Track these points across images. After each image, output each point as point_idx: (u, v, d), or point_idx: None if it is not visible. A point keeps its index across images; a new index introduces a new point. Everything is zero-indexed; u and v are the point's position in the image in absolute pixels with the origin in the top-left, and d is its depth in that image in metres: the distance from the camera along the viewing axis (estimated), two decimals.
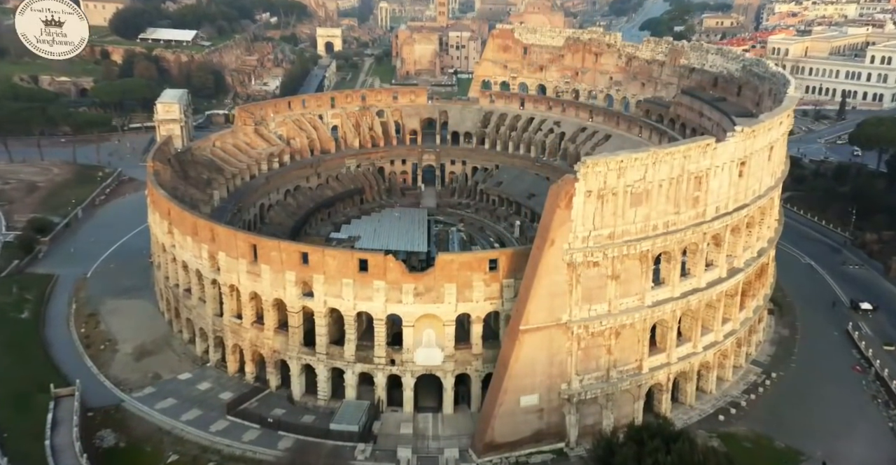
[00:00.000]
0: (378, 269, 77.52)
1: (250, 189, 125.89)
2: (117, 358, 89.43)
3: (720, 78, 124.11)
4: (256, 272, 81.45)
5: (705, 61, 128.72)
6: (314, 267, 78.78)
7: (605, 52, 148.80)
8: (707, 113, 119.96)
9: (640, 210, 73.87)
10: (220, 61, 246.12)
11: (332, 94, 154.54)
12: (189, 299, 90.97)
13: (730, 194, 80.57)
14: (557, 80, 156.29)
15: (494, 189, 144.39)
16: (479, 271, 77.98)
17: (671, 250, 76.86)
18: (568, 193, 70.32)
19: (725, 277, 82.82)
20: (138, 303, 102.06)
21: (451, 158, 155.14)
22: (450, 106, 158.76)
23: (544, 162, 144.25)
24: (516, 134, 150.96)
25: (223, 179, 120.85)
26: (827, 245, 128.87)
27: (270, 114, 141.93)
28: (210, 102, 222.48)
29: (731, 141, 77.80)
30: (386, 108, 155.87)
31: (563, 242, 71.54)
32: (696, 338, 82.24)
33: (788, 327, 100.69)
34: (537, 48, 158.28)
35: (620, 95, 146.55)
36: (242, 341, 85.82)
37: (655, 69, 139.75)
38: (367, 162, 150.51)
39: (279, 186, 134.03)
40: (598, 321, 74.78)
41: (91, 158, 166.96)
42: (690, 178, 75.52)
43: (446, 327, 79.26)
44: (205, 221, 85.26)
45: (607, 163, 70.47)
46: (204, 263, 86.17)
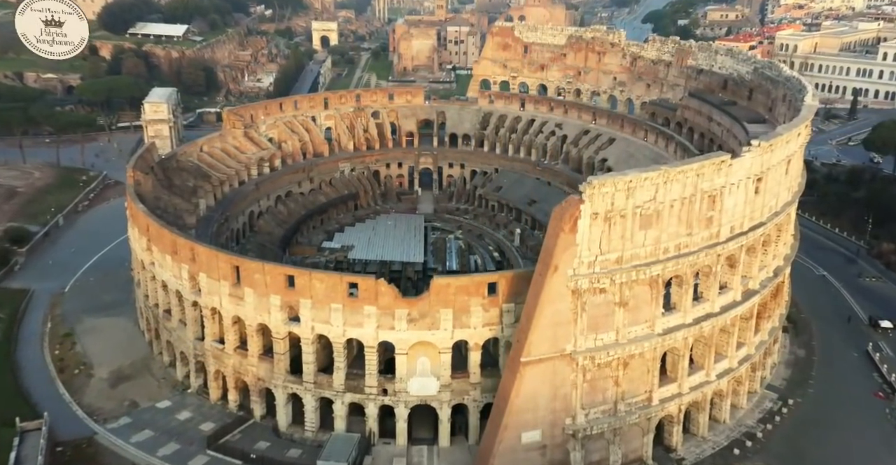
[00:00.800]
0: (369, 293, 72.40)
1: (239, 196, 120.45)
2: (92, 384, 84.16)
3: (730, 80, 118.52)
4: (239, 295, 76.20)
5: (714, 62, 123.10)
6: (300, 291, 73.59)
7: (608, 52, 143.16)
8: (716, 118, 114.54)
9: (649, 232, 68.60)
10: (212, 57, 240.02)
11: (326, 94, 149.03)
12: (169, 320, 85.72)
13: (745, 213, 75.28)
14: (559, 79, 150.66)
15: (494, 194, 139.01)
16: (477, 296, 72.78)
17: (683, 273, 71.63)
18: (572, 216, 65.04)
19: (740, 300, 77.60)
20: (117, 321, 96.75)
21: (448, 161, 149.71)
22: (447, 107, 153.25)
23: (545, 166, 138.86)
24: (516, 136, 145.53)
25: (210, 186, 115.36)
26: (841, 255, 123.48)
27: (261, 116, 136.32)
28: (201, 100, 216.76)
29: (747, 156, 72.52)
30: (381, 108, 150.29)
31: (568, 267, 66.27)
32: (710, 366, 77.05)
33: (804, 346, 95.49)
34: (538, 47, 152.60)
35: (625, 96, 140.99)
36: (225, 368, 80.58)
37: (661, 70, 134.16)
38: (362, 165, 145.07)
39: (270, 193, 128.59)
40: (605, 351, 69.57)
41: (76, 159, 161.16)
42: (704, 197, 70.28)
43: (442, 355, 74.11)
44: (185, 239, 79.82)
45: (615, 183, 65.20)
46: (184, 283, 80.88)
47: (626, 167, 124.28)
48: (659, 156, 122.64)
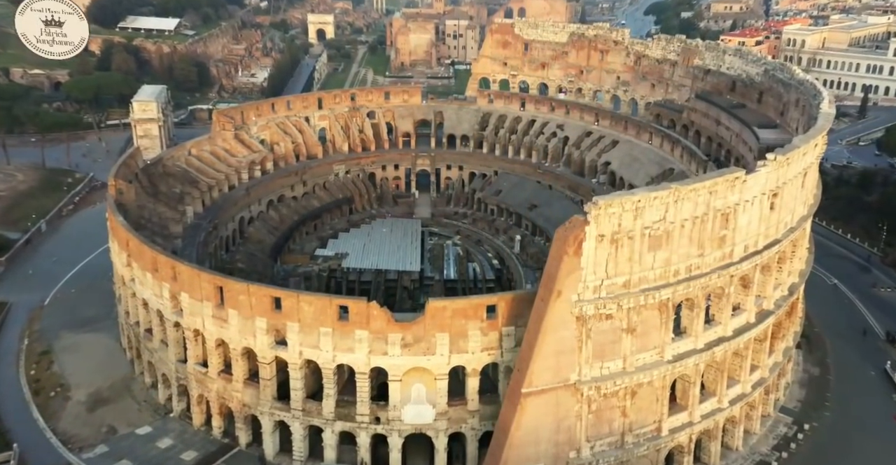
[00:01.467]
0: (360, 317, 68.00)
1: (229, 202, 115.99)
2: (69, 408, 79.77)
3: (739, 82, 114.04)
4: (223, 317, 71.81)
5: (722, 63, 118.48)
6: (288, 314, 69.21)
7: (611, 50, 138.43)
8: (725, 121, 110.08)
9: (659, 254, 64.22)
10: (204, 51, 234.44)
11: (320, 94, 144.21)
12: (150, 340, 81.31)
13: (760, 230, 70.90)
14: (560, 78, 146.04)
15: (493, 198, 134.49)
16: (475, 319, 68.49)
17: (695, 296, 67.25)
18: (577, 238, 60.70)
19: (754, 322, 73.28)
20: (98, 338, 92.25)
21: (446, 162, 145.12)
22: (445, 106, 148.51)
23: (546, 169, 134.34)
24: (516, 137, 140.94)
25: (198, 192, 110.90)
26: (854, 263, 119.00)
27: (252, 117, 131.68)
28: (193, 97, 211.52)
29: (762, 171, 67.99)
30: (377, 108, 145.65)
31: (572, 293, 61.93)
32: (722, 392, 72.80)
33: (818, 364, 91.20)
34: (539, 44, 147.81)
35: (628, 96, 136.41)
36: (209, 392, 76.23)
37: (667, 69, 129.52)
38: (357, 168, 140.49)
39: (261, 197, 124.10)
40: (611, 381, 65.27)
41: (62, 160, 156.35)
42: (717, 215, 65.87)
43: (438, 382, 69.85)
44: (166, 257, 75.22)
45: (622, 203, 60.76)
46: (165, 303, 76.49)
47: (630, 171, 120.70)
48: (664, 160, 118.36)
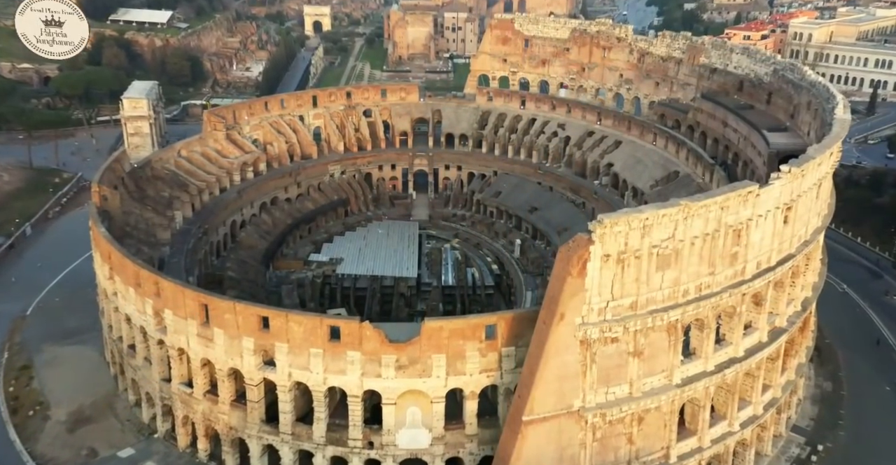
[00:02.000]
0: (352, 338, 64.51)
1: (220, 205, 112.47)
2: (48, 428, 76.24)
3: (746, 82, 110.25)
4: (208, 336, 68.31)
5: (729, 61, 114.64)
6: (276, 334, 65.70)
7: (614, 47, 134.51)
8: (732, 123, 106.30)
9: (668, 274, 60.68)
10: (198, 45, 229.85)
11: (315, 92, 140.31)
12: (133, 357, 77.77)
13: (773, 246, 67.30)
14: (562, 75, 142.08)
15: (492, 200, 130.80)
16: (473, 339, 65.04)
17: (705, 317, 63.70)
18: (581, 259, 57.16)
19: (767, 341, 69.76)
20: (81, 351, 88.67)
21: (444, 162, 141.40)
22: (444, 104, 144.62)
23: (547, 169, 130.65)
24: (516, 137, 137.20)
25: (188, 196, 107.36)
26: (865, 268, 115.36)
27: (244, 116, 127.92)
28: (186, 91, 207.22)
29: (776, 184, 64.32)
30: (373, 106, 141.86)
31: (576, 316, 58.44)
32: (733, 415, 69.37)
33: (831, 378, 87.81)
34: (539, 41, 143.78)
35: (632, 94, 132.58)
36: (194, 414, 72.78)
37: (671, 67, 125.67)
38: (353, 168, 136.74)
39: (253, 200, 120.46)
40: (617, 407, 61.81)
41: (50, 158, 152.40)
42: (728, 232, 62.27)
43: (434, 405, 66.46)
44: (149, 272, 71.55)
45: (629, 221, 57.20)
46: (148, 319, 72.95)
47: (634, 174, 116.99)
48: (669, 162, 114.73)
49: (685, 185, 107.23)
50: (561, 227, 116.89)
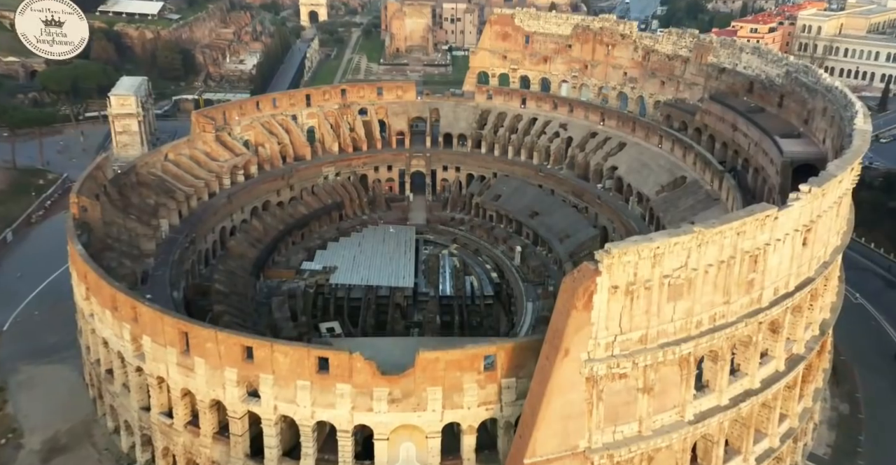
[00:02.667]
0: (342, 369, 60.39)
1: (209, 211, 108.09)
2: (20, 459, 72.09)
3: (757, 83, 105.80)
4: (189, 366, 64.16)
5: (738, 61, 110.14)
6: (261, 365, 61.54)
7: (618, 44, 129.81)
8: (742, 127, 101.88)
9: (680, 304, 56.42)
10: (190, 37, 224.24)
11: (308, 91, 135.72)
12: (111, 383, 73.57)
13: (791, 270, 62.96)
14: (564, 73, 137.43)
15: (492, 204, 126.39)
16: (471, 371, 60.96)
17: (719, 348, 59.46)
18: (587, 291, 52.78)
19: (784, 370, 65.57)
20: (60, 371, 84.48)
21: (442, 163, 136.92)
22: (442, 103, 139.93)
23: (548, 172, 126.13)
24: (517, 137, 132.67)
25: (175, 203, 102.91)
26: (880, 278, 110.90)
27: (235, 116, 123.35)
28: (178, 86, 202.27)
29: (795, 206, 59.95)
30: (369, 105, 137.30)
31: (581, 351, 54.20)
32: (748, 449, 65.29)
33: (847, 399, 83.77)
34: (541, 37, 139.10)
35: (636, 93, 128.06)
36: (174, 446, 68.69)
37: (678, 66, 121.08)
38: (348, 170, 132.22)
39: (244, 205, 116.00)
40: (625, 447, 57.65)
41: (35, 157, 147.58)
42: (744, 258, 57.95)
43: (430, 440, 62.42)
44: (125, 296, 67.22)
45: (639, 251, 52.77)
46: (126, 345, 68.73)
47: (639, 178, 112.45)
48: (676, 167, 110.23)
49: (693, 192, 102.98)
50: (563, 234, 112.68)
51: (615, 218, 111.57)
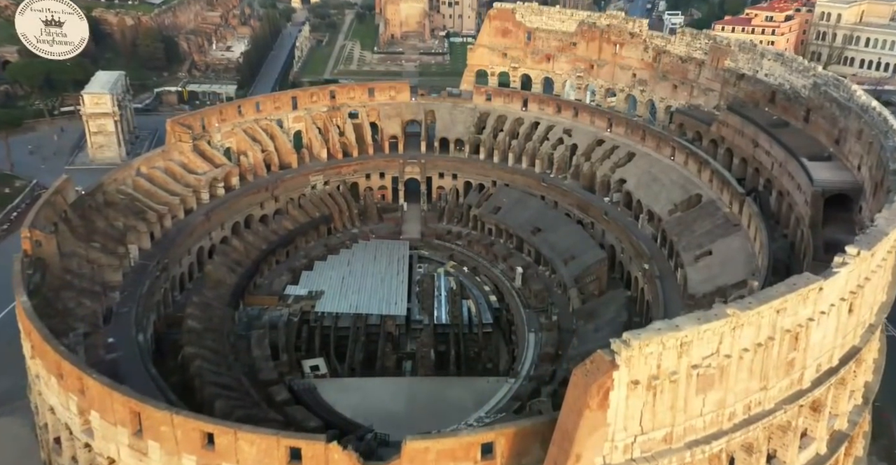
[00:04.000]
0: (317, 461, 52.19)
1: (184, 231, 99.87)
2: None
3: (780, 93, 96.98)
4: (142, 449, 55.94)
5: (759, 68, 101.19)
6: (223, 453, 53.36)
7: (627, 43, 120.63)
8: (764, 144, 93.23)
9: (710, 396, 48.22)
10: (174, 22, 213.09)
11: (294, 93, 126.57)
12: (59, 454, 65.40)
13: (835, 342, 54.59)
14: (568, 73, 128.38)
15: (491, 217, 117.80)
16: (466, 461, 52.69)
17: (755, 439, 51.26)
18: (602, 388, 44.46)
19: (826, 452, 57.39)
20: (9, 425, 75.94)
21: (438, 170, 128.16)
22: (438, 104, 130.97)
23: (551, 182, 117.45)
24: (518, 143, 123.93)
25: (146, 224, 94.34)
26: None
27: (214, 123, 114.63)
28: (161, 76, 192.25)
29: (841, 272, 51.35)
30: (360, 107, 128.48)
31: (596, 455, 46.12)
32: None
33: (886, 457, 75.81)
34: (543, 33, 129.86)
35: (646, 96, 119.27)
36: None
37: (692, 69, 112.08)
38: (337, 178, 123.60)
39: (224, 221, 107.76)
40: None
41: (2, 160, 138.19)
42: (784, 337, 49.48)
43: None
44: (72, 365, 58.82)
45: (662, 341, 44.42)
46: (73, 418, 60.46)
47: (650, 194, 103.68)
48: (690, 183, 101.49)
49: (709, 213, 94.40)
50: (567, 254, 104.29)
51: (623, 237, 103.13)
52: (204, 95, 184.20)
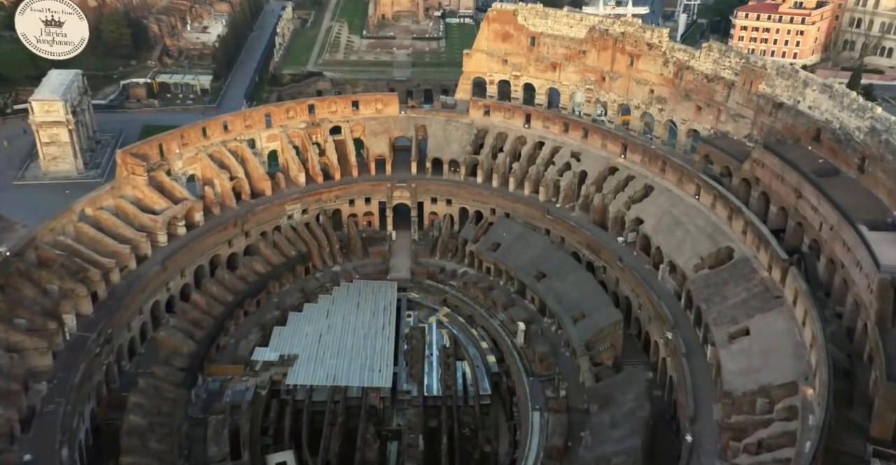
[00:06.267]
0: None
1: (136, 285, 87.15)
2: None
3: (827, 131, 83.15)
4: None
5: (801, 97, 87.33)
6: None
7: (644, 55, 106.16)
8: (810, 197, 79.38)
9: None
10: (142, 1, 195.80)
11: (268, 109, 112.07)
12: None
13: None
14: (577, 83, 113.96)
15: (489, 255, 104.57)
16: None
17: None
18: None
19: None
20: None
21: (431, 195, 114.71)
22: (430, 119, 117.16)
23: (558, 214, 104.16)
24: (519, 166, 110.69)
25: (87, 286, 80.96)
26: None
27: (174, 149, 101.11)
28: (128, 65, 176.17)
29: None
30: (343, 122, 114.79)
31: None
32: None
33: None
34: (549, 39, 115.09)
35: (665, 116, 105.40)
36: None
37: (719, 90, 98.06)
38: (317, 206, 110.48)
39: (185, 267, 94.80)
40: None
41: None
42: None
43: None
44: None
45: None
46: None
47: (672, 241, 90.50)
48: (717, 231, 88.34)
49: (744, 275, 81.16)
50: (577, 310, 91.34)
51: (641, 291, 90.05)
52: (176, 87, 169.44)
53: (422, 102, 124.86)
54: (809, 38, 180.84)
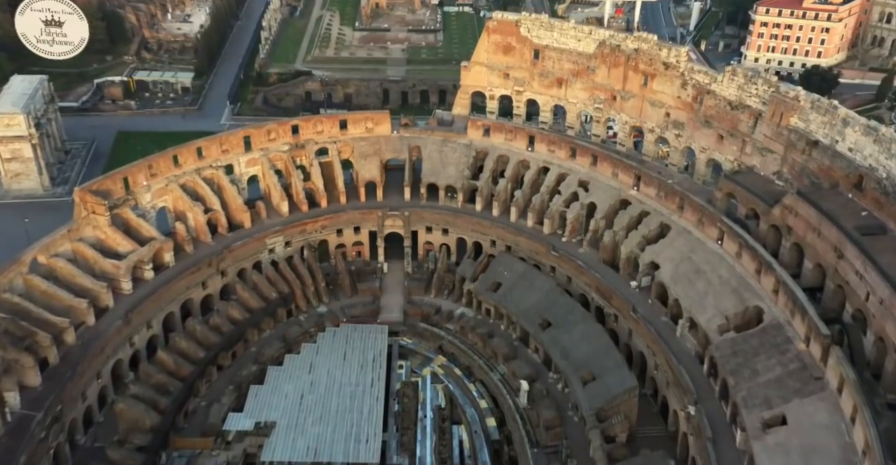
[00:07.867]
0: None
1: (93, 345, 78.80)
2: None
3: (871, 179, 73.73)
4: None
5: (839, 137, 77.80)
6: None
7: (660, 75, 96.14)
8: (853, 260, 69.81)
9: None
10: None
11: (247, 131, 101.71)
12: None
13: None
14: (584, 102, 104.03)
15: (489, 297, 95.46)
16: None
17: None
18: None
19: None
20: None
21: (426, 223, 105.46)
22: (424, 139, 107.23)
23: (564, 252, 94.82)
24: (522, 194, 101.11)
25: (34, 354, 72.02)
26: None
27: (142, 181, 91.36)
28: (103, 61, 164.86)
29: None
30: (329, 142, 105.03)
31: None
32: None
33: None
34: (554, 53, 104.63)
35: (682, 143, 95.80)
36: None
37: (744, 120, 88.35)
38: (301, 238, 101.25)
39: (152, 317, 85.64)
40: None
41: None
42: None
43: None
44: None
45: None
46: None
47: (691, 294, 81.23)
48: (744, 285, 79.29)
49: (776, 345, 72.01)
50: (586, 370, 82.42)
51: (658, 350, 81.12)
52: (155, 86, 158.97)
53: (415, 119, 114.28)
54: (835, 37, 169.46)
